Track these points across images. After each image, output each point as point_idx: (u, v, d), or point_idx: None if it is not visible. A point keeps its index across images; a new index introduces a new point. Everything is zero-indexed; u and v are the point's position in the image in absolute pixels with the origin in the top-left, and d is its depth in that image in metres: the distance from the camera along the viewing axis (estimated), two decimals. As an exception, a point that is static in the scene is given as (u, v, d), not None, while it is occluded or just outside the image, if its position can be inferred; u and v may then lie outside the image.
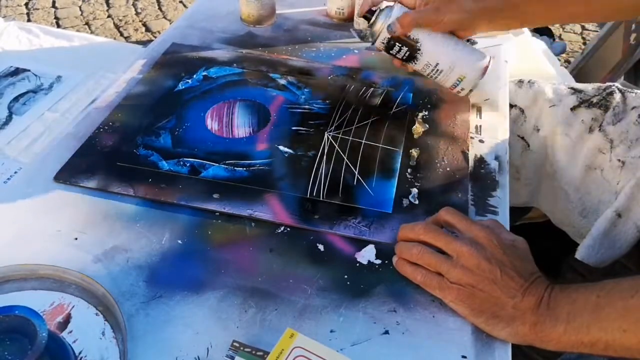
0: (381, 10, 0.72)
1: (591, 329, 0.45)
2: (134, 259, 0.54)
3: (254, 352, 0.47)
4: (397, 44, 0.71)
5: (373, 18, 0.72)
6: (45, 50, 1.08)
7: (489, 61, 0.72)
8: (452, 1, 0.70)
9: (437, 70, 0.72)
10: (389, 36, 0.71)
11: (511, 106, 0.83)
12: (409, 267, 0.53)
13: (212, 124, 0.72)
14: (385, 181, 0.65)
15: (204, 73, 0.82)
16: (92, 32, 2.16)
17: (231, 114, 0.74)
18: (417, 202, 0.62)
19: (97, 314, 0.49)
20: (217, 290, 0.52)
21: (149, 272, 0.53)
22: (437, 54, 0.71)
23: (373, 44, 0.73)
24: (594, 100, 0.78)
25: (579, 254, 0.75)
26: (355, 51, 0.89)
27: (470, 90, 0.73)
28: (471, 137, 0.72)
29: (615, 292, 0.46)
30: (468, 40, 0.91)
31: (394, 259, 0.55)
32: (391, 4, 0.71)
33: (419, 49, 0.71)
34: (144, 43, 1.86)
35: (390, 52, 0.73)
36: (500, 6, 0.70)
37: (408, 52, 0.72)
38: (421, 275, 0.52)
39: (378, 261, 0.55)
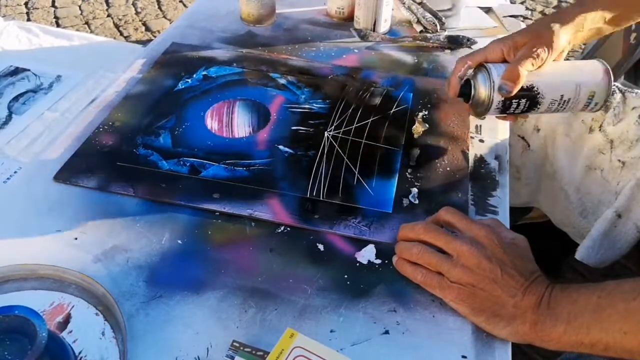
0: (475, 79, 0.64)
1: (591, 329, 0.45)
2: (134, 259, 0.54)
3: (254, 352, 0.47)
4: (514, 100, 0.63)
5: (473, 90, 0.64)
6: (45, 50, 1.08)
7: (603, 62, 0.66)
8: (539, 32, 0.63)
9: (565, 101, 0.64)
10: (502, 98, 0.62)
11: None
12: (409, 266, 0.53)
13: (212, 123, 0.72)
14: (385, 181, 0.64)
15: (204, 72, 0.82)
16: (91, 32, 2.16)
17: (231, 114, 0.74)
18: (417, 202, 0.62)
19: (97, 314, 0.49)
20: (217, 290, 0.52)
21: (149, 272, 0.53)
22: (557, 88, 0.63)
23: (484, 114, 0.65)
24: (594, 100, 0.78)
25: (579, 255, 0.75)
26: (355, 51, 0.89)
27: (605, 102, 0.66)
28: (471, 137, 0.72)
29: (616, 293, 0.46)
30: (468, 40, 0.91)
31: (394, 259, 0.55)
32: (480, 68, 0.64)
33: (538, 93, 0.63)
34: (144, 42, 1.86)
35: (508, 112, 0.65)
36: (585, 14, 0.65)
37: (528, 102, 0.63)
38: (421, 274, 0.52)
39: (378, 261, 0.55)
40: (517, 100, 0.63)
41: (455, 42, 0.91)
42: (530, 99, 0.63)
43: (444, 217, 0.56)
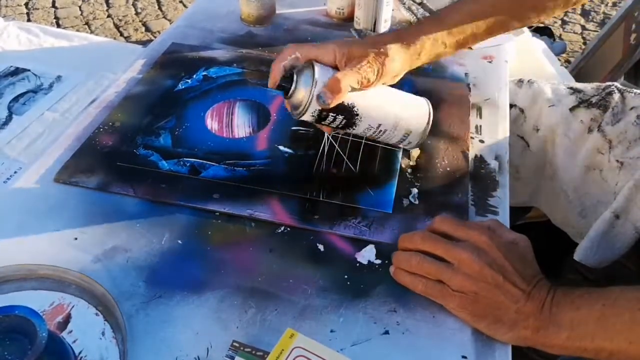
0: (298, 75, 0.57)
1: (596, 338, 0.45)
2: (133, 259, 0.54)
3: (253, 352, 0.47)
4: (331, 114, 0.58)
5: (292, 87, 0.57)
6: (45, 50, 1.08)
7: (428, 104, 0.64)
8: (383, 46, 0.59)
9: (380, 131, 0.61)
10: (319, 108, 0.57)
11: (511, 106, 0.83)
12: (408, 276, 0.52)
13: (212, 123, 0.72)
14: (385, 181, 0.64)
15: (204, 73, 0.82)
16: (92, 32, 2.16)
17: (231, 114, 0.74)
18: (417, 202, 0.62)
19: (97, 314, 0.49)
20: (217, 290, 0.52)
21: (148, 272, 0.53)
22: (377, 116, 0.60)
23: (299, 117, 0.58)
24: (593, 100, 0.78)
25: (577, 255, 0.75)
26: (355, 51, 0.89)
27: (418, 143, 0.64)
28: (471, 137, 0.72)
29: (621, 301, 0.45)
30: None
31: (391, 269, 0.54)
32: (307, 65, 0.58)
33: (357, 114, 0.59)
34: (144, 43, 1.86)
35: (322, 122, 0.60)
36: (416, 39, 0.61)
37: (345, 120, 0.59)
38: (422, 284, 0.51)
39: (378, 261, 0.55)
40: (334, 115, 0.58)
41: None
42: (347, 118, 0.59)
43: (440, 228, 0.54)
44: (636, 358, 0.44)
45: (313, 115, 0.58)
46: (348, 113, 0.59)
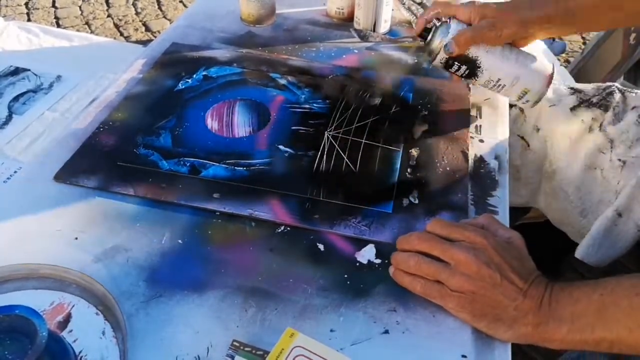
0: (437, 28, 0.70)
1: (596, 329, 0.45)
2: (134, 259, 0.54)
3: (254, 351, 0.47)
4: (456, 62, 0.69)
5: (429, 36, 0.70)
6: (45, 50, 1.09)
7: (553, 69, 0.71)
8: (508, 13, 0.68)
9: (499, 85, 0.70)
10: (447, 56, 0.69)
11: (511, 106, 0.83)
12: (407, 277, 0.52)
13: (212, 123, 0.72)
14: (385, 181, 0.65)
15: (204, 73, 0.82)
16: (92, 32, 2.16)
17: (231, 114, 0.74)
18: (417, 202, 0.62)
19: (97, 314, 0.49)
20: (217, 290, 0.52)
21: (149, 271, 0.53)
22: (497, 70, 0.69)
23: (431, 63, 0.71)
24: (594, 100, 0.78)
25: (579, 253, 0.75)
26: (355, 51, 0.89)
27: (536, 102, 0.72)
28: (471, 137, 0.72)
29: (618, 290, 0.46)
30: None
31: (391, 270, 0.53)
32: (447, 19, 0.69)
33: (479, 66, 0.69)
34: (144, 43, 1.86)
35: (450, 70, 0.71)
36: (557, 13, 0.69)
37: (468, 70, 0.70)
38: (420, 285, 0.51)
39: (378, 261, 0.55)
40: (458, 64, 0.69)
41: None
42: (470, 68, 0.69)
43: (434, 231, 0.54)
44: (636, 346, 0.44)
45: (442, 62, 0.70)
46: (471, 64, 0.69)
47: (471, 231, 0.52)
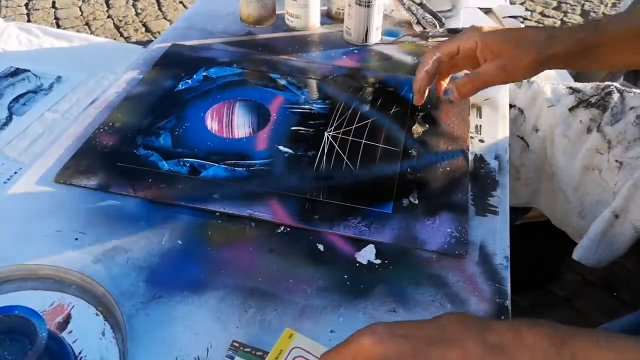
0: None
1: None
2: (134, 259, 0.54)
3: (253, 352, 0.47)
4: None
5: None
6: (45, 51, 1.09)
7: None
8: (520, 51, 0.61)
9: None
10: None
11: (510, 106, 0.83)
12: None
13: (212, 124, 0.72)
14: (385, 181, 0.65)
15: (204, 73, 0.82)
16: (92, 33, 2.16)
17: (231, 114, 0.74)
18: (417, 202, 0.62)
19: (97, 314, 0.49)
20: (217, 290, 0.52)
21: (149, 272, 0.53)
22: None
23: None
24: (592, 100, 0.78)
25: (576, 255, 0.75)
26: (355, 51, 0.89)
27: None
28: (471, 137, 0.72)
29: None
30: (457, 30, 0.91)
31: None
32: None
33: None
34: (144, 43, 1.86)
35: None
36: (576, 49, 0.61)
37: None
38: None
39: (378, 261, 0.55)
40: None
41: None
42: None
43: None
44: None
45: None
46: None
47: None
